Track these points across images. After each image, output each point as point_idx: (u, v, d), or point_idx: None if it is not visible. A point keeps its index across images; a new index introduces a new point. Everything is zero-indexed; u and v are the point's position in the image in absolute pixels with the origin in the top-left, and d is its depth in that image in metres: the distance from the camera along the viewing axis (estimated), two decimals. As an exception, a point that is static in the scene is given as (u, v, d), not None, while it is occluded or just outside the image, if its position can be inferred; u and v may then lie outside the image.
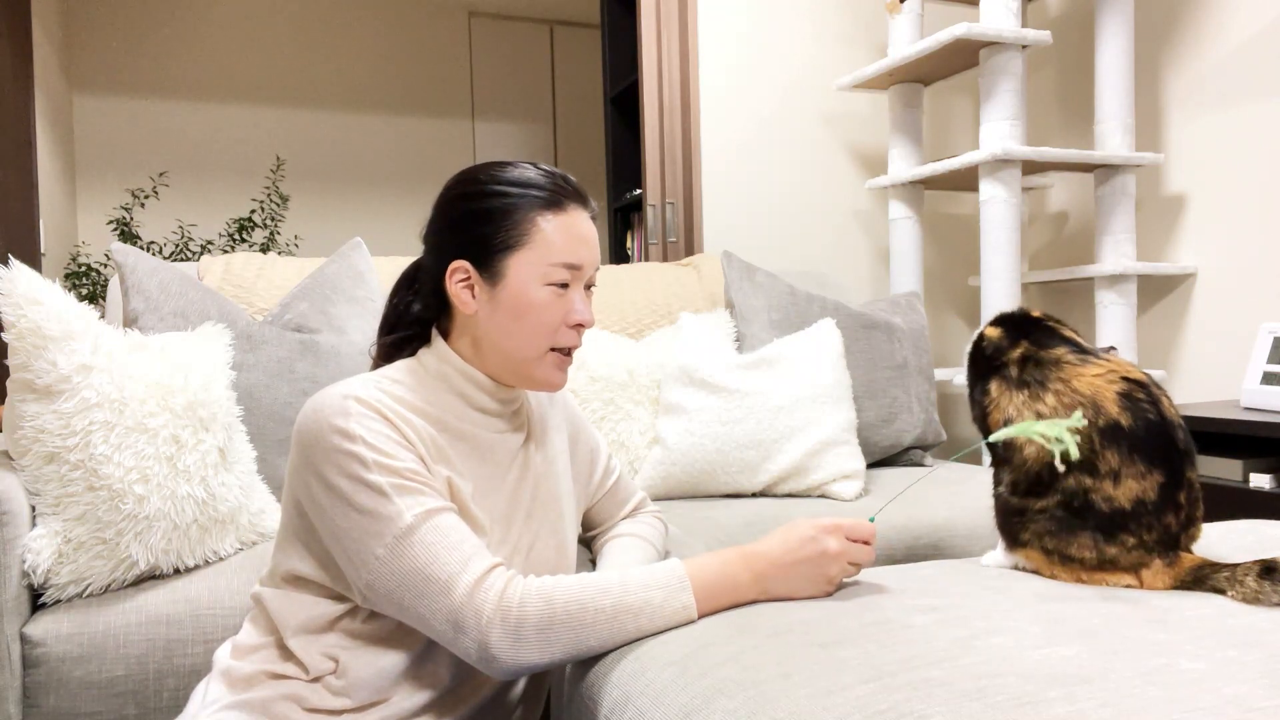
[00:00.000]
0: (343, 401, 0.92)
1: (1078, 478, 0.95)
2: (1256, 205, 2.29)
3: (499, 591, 0.86)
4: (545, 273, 0.98)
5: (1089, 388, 0.96)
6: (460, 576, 0.86)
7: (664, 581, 0.89)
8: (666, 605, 0.88)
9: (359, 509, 0.88)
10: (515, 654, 0.85)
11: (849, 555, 0.92)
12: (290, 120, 4.40)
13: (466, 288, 0.99)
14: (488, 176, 1.00)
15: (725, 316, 2.02)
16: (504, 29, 4.85)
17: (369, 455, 0.89)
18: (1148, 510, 0.93)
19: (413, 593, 0.87)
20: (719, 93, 2.66)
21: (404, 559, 0.87)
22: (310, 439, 0.91)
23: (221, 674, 0.96)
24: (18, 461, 1.25)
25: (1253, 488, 1.81)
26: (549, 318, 0.99)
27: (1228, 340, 2.37)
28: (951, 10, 2.93)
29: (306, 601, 0.95)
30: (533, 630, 0.85)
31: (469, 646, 0.85)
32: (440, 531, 0.88)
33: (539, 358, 1.00)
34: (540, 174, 1.00)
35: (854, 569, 0.93)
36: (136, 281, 1.60)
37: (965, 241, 3.01)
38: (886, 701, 0.66)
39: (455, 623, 0.85)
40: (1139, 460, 0.93)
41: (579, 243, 1.00)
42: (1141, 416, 0.94)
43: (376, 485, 0.88)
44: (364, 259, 1.82)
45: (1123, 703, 0.64)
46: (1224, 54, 2.36)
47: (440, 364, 1.02)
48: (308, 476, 0.92)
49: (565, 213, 0.99)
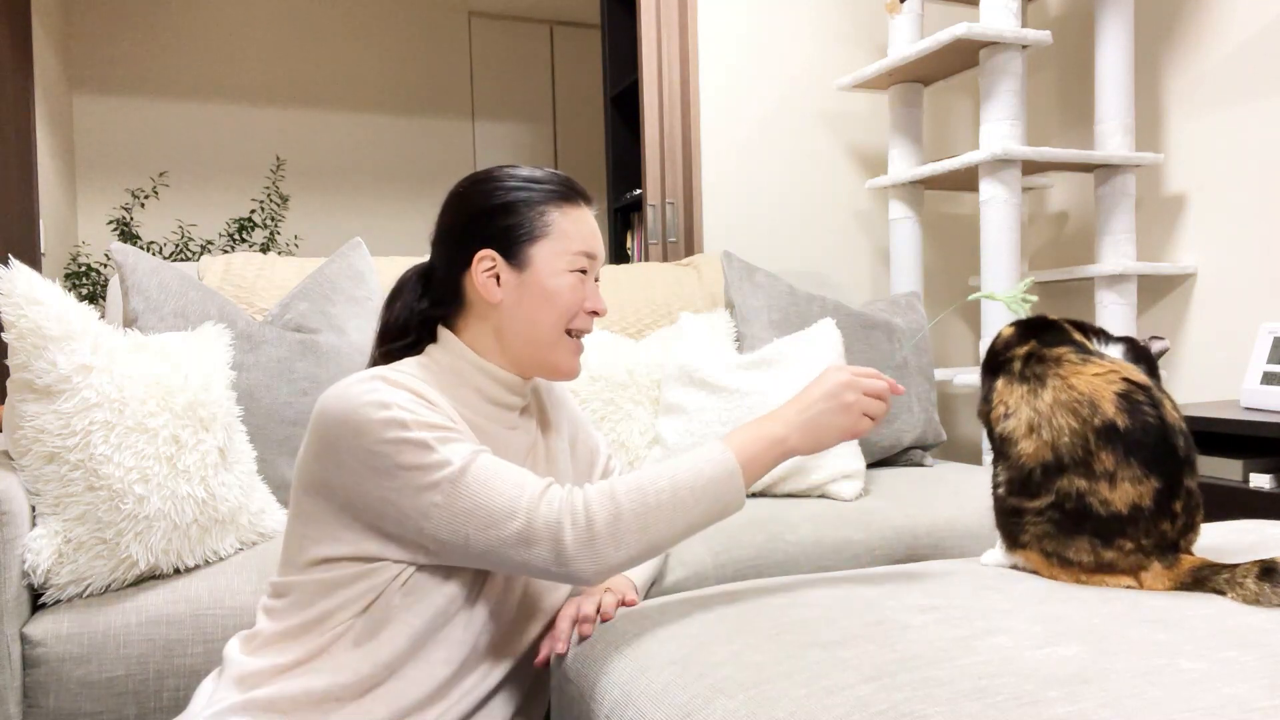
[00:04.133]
0: (370, 381, 0.95)
1: (1071, 478, 0.95)
2: (1256, 205, 2.29)
3: (562, 499, 0.91)
4: (568, 260, 1.05)
5: (1087, 386, 0.96)
6: (520, 499, 0.90)
7: (709, 455, 0.94)
8: (717, 474, 0.93)
9: (406, 466, 0.91)
10: (592, 552, 0.89)
11: (859, 386, 0.97)
12: (290, 120, 4.40)
13: (492, 276, 1.04)
14: (502, 175, 1.07)
15: (725, 316, 2.02)
16: (504, 29, 4.85)
17: (407, 417, 0.92)
18: (1145, 516, 0.93)
19: (478, 526, 0.90)
20: (719, 93, 2.66)
21: (462, 498, 0.91)
22: (339, 419, 0.93)
23: (231, 671, 0.96)
24: (18, 461, 1.25)
25: (1253, 488, 1.81)
26: (572, 302, 1.05)
27: (1228, 340, 2.37)
28: (951, 10, 2.93)
29: (339, 579, 0.96)
30: (603, 525, 0.89)
31: (545, 557, 0.89)
32: (488, 469, 0.92)
33: (558, 342, 1.06)
34: (548, 174, 1.08)
35: (872, 413, 0.98)
36: (136, 281, 1.60)
37: (965, 241, 3.01)
38: (886, 701, 0.66)
39: (526, 539, 0.89)
40: (1136, 464, 0.93)
41: (592, 235, 1.08)
42: (1140, 419, 0.94)
43: (419, 440, 0.91)
44: (364, 259, 1.82)
45: (1123, 703, 0.64)
46: (1224, 54, 2.36)
47: (454, 359, 1.05)
48: (341, 457, 0.93)
49: (577, 208, 1.07)
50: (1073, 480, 0.94)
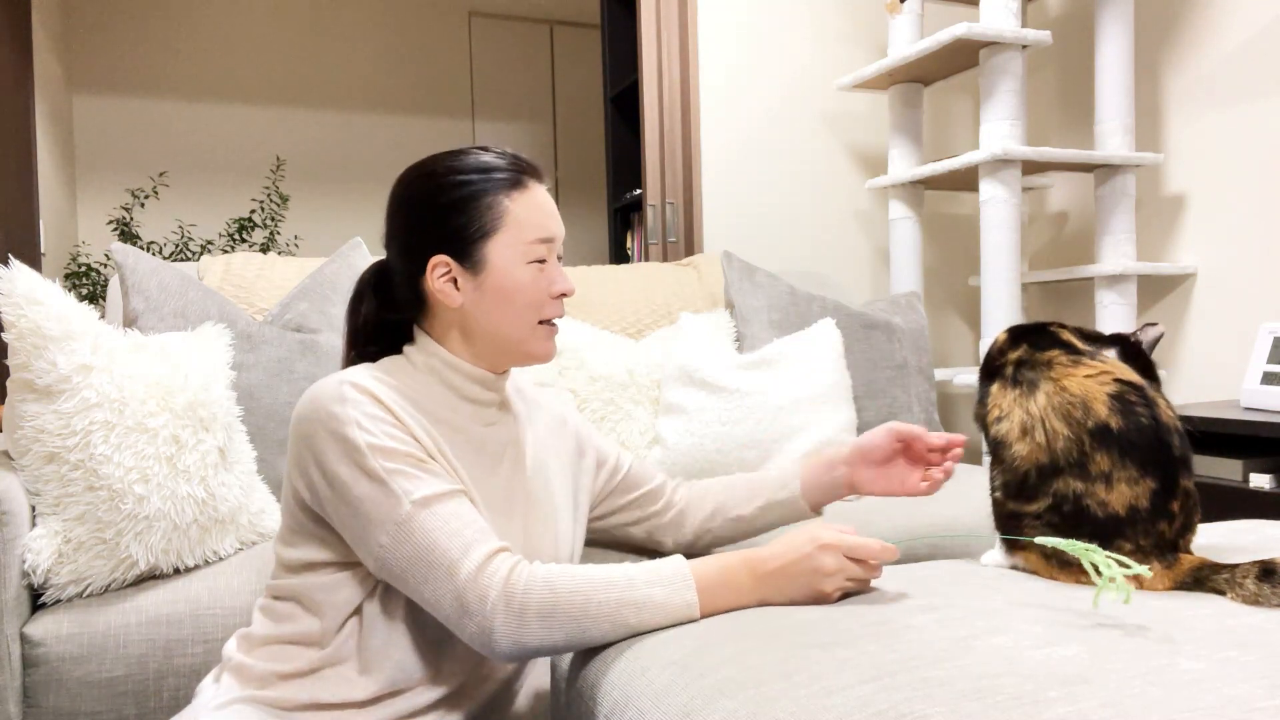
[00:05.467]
0: (339, 387, 0.93)
1: (1067, 480, 0.95)
2: (1256, 205, 2.29)
3: (504, 576, 0.87)
4: (524, 251, 1.00)
5: (1079, 388, 0.96)
6: (463, 562, 0.87)
7: (668, 579, 0.89)
8: (669, 602, 0.88)
9: (360, 498, 0.90)
10: (517, 638, 0.86)
11: (845, 573, 0.91)
12: (290, 120, 4.40)
13: (449, 281, 1.00)
14: (445, 168, 1.01)
15: (725, 316, 2.02)
16: (504, 29, 4.85)
17: (364, 439, 0.90)
18: (1142, 517, 0.92)
19: (418, 577, 0.88)
20: (719, 93, 2.66)
21: (407, 546, 0.88)
22: (308, 426, 0.92)
23: (232, 669, 0.96)
24: (18, 461, 1.25)
25: (1253, 488, 1.81)
26: (535, 295, 1.01)
27: (1228, 340, 2.37)
28: (951, 10, 2.93)
29: (326, 584, 0.96)
30: (535, 617, 0.85)
31: (472, 630, 0.86)
32: (441, 518, 0.89)
33: (530, 334, 1.02)
34: (495, 156, 1.02)
35: (854, 585, 0.92)
36: (136, 281, 1.60)
37: (965, 241, 3.01)
38: (886, 701, 0.66)
39: (460, 607, 0.86)
40: (1132, 465, 0.93)
41: (547, 216, 1.02)
42: (1134, 420, 0.94)
43: (374, 472, 0.90)
44: (364, 259, 1.82)
45: (1123, 703, 0.64)
46: (1224, 54, 2.36)
47: (428, 358, 1.02)
48: (309, 466, 0.93)
49: (528, 190, 1.02)
50: (1069, 482, 0.94)
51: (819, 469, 1.22)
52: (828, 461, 1.22)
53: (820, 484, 1.22)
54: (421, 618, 0.96)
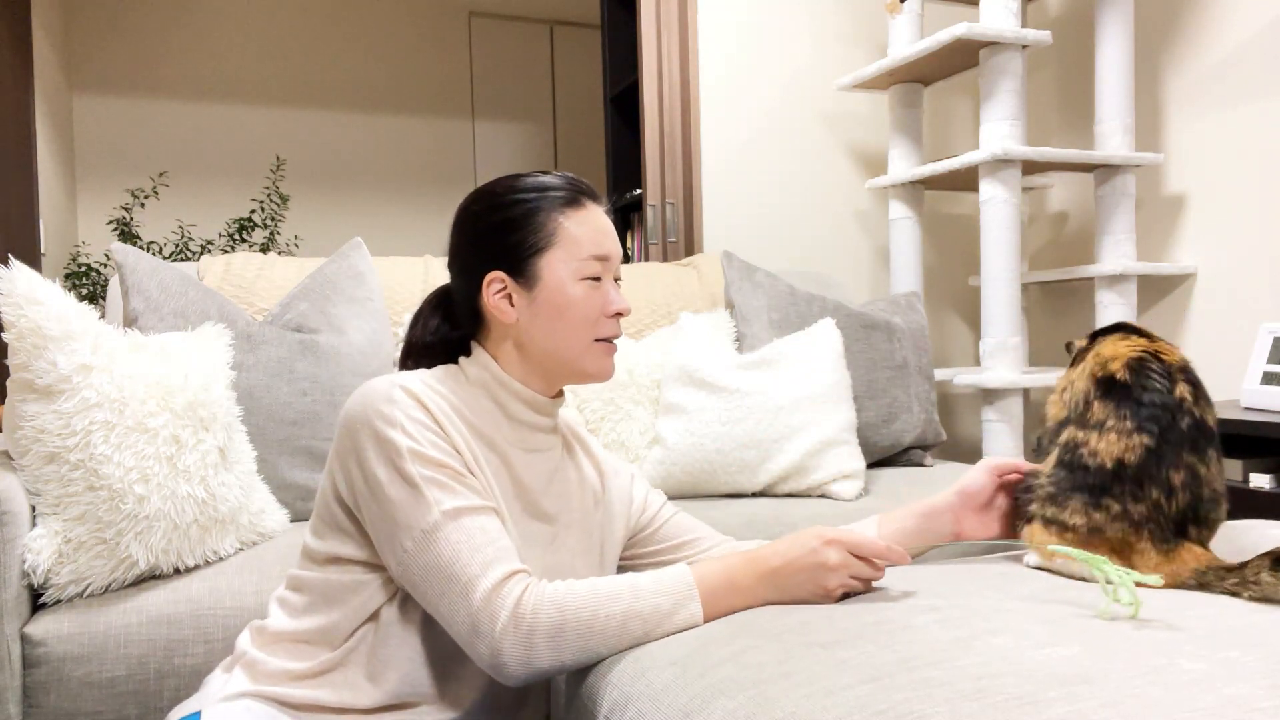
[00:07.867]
0: (390, 388, 0.94)
1: (1073, 430, 0.97)
2: (1256, 205, 2.29)
3: (515, 599, 0.87)
4: (578, 268, 1.00)
5: (1111, 351, 0.99)
6: (480, 580, 0.87)
7: (672, 589, 0.90)
8: (675, 613, 0.89)
9: (392, 499, 0.90)
10: (526, 662, 0.86)
11: (850, 569, 0.91)
12: (290, 120, 4.40)
13: (504, 297, 1.01)
14: (504, 188, 1.03)
15: (725, 316, 2.02)
16: (504, 29, 4.85)
17: (405, 443, 0.91)
18: (1129, 475, 0.92)
19: (435, 590, 0.89)
20: (719, 93, 2.66)
21: (429, 554, 0.89)
22: (355, 422, 0.94)
23: (244, 663, 0.96)
24: (18, 461, 1.25)
25: (1253, 488, 1.81)
26: (589, 311, 1.01)
27: (1228, 340, 2.37)
28: (951, 10, 2.93)
29: (347, 583, 0.96)
30: (544, 638, 0.86)
31: (482, 651, 0.87)
32: (467, 531, 0.90)
33: (585, 350, 1.02)
34: (553, 178, 1.04)
35: (858, 584, 0.92)
36: (136, 281, 1.60)
37: (965, 241, 3.01)
38: (886, 701, 0.66)
39: (472, 626, 0.87)
40: (1127, 417, 0.93)
41: (602, 235, 1.03)
42: (1144, 380, 0.94)
43: (409, 476, 0.90)
44: (364, 259, 1.82)
45: (1123, 703, 0.64)
46: (1224, 54, 2.36)
47: (480, 371, 1.03)
48: (350, 461, 0.94)
49: (584, 209, 1.02)
50: (1074, 432, 0.96)
51: (916, 520, 1.12)
52: (925, 512, 1.12)
53: (918, 534, 1.12)
54: (436, 633, 0.96)
